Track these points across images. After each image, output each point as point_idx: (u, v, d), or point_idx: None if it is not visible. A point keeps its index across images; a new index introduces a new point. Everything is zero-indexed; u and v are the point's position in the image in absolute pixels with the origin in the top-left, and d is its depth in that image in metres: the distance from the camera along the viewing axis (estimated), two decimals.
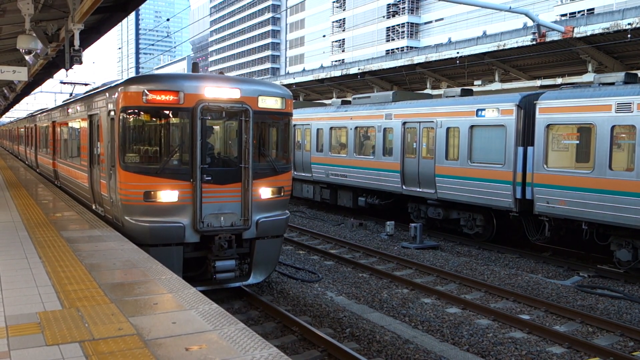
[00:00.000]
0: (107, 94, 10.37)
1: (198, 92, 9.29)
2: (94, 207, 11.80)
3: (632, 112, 11.41)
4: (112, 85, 10.29)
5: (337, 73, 29.29)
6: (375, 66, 26.62)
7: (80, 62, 11.82)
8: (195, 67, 11.18)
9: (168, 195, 9.16)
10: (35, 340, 4.41)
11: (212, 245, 9.44)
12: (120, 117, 9.27)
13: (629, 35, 16.41)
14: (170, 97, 9.12)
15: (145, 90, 9.03)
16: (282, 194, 10.32)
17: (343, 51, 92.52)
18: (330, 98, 31.76)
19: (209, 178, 9.38)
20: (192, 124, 9.25)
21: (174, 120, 9.51)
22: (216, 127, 10.16)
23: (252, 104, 9.74)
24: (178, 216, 9.25)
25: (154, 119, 9.58)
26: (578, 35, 17.45)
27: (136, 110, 9.36)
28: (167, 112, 9.35)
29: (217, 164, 9.76)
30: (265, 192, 9.99)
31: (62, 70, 20.56)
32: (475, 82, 22.60)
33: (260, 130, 10.17)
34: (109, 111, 10.00)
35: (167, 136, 9.58)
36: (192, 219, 9.29)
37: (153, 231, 9.08)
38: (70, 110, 15.00)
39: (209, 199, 9.38)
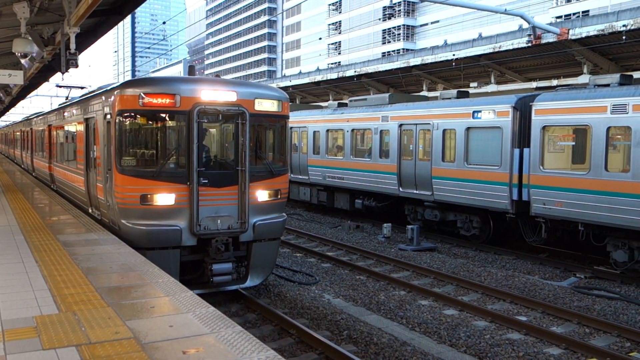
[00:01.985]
0: (103, 98, 10.35)
1: (194, 95, 9.28)
2: (90, 210, 11.77)
3: (627, 113, 11.45)
4: (109, 88, 10.27)
5: (333, 75, 29.33)
6: (371, 68, 26.66)
7: (76, 66, 11.78)
8: (191, 70, 11.17)
9: (165, 198, 9.14)
10: (31, 344, 4.39)
11: (209, 248, 9.44)
12: (117, 121, 9.26)
13: (623, 37, 16.48)
14: (166, 100, 9.11)
15: (142, 94, 9.02)
16: (279, 196, 10.31)
17: (339, 54, 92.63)
18: (327, 100, 31.80)
19: (206, 181, 9.37)
20: (188, 127, 9.24)
21: (170, 123, 9.49)
22: (213, 130, 10.15)
23: (249, 106, 9.74)
24: (175, 219, 9.23)
25: (150, 122, 9.55)
26: (573, 37, 17.51)
27: (132, 114, 9.34)
28: (163, 115, 9.32)
29: (214, 167, 9.74)
30: (262, 194, 9.98)
31: (58, 74, 20.53)
32: (471, 84, 22.67)
33: (256, 132, 10.16)
34: (105, 114, 9.98)
35: (164, 139, 9.56)
36: (189, 222, 9.27)
37: (150, 234, 9.06)
38: (66, 114, 14.97)
39: (206, 202, 9.36)
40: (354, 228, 18.51)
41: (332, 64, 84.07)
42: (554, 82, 19.88)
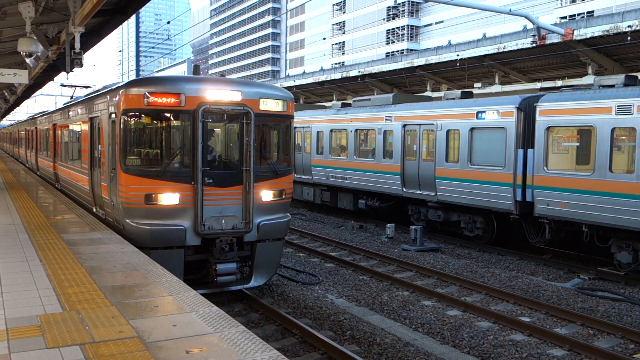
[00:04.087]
0: (108, 97, 10.37)
1: (199, 95, 9.27)
2: (94, 209, 11.79)
3: (632, 114, 11.41)
4: (114, 87, 10.28)
5: (337, 75, 29.35)
6: (375, 69, 26.67)
7: (81, 65, 11.81)
8: (196, 69, 11.14)
9: (169, 198, 9.13)
10: (35, 342, 4.41)
11: (213, 248, 9.42)
12: (122, 120, 9.26)
13: (628, 38, 16.44)
14: (171, 100, 9.10)
15: (147, 93, 9.01)
16: (284, 196, 10.29)
17: (343, 54, 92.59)
18: (331, 100, 31.79)
19: (210, 181, 9.35)
20: (193, 127, 9.23)
21: (175, 122, 9.48)
22: (217, 130, 10.14)
23: (254, 106, 9.72)
24: (179, 219, 9.22)
25: (155, 122, 9.55)
26: (578, 38, 17.48)
27: (137, 113, 9.35)
28: (168, 114, 9.32)
29: (219, 167, 9.72)
30: (266, 194, 9.96)
31: (63, 73, 20.58)
32: (476, 85, 22.62)
33: (261, 132, 10.14)
34: (110, 114, 9.99)
35: (168, 139, 9.55)
36: (193, 221, 9.26)
37: (154, 234, 9.06)
38: (71, 113, 15.00)
39: (210, 202, 9.35)
40: (357, 228, 18.50)
41: (336, 64, 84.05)
42: (559, 83, 19.84)
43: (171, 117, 9.40)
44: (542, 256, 14.60)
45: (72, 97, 21.64)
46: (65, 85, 24.13)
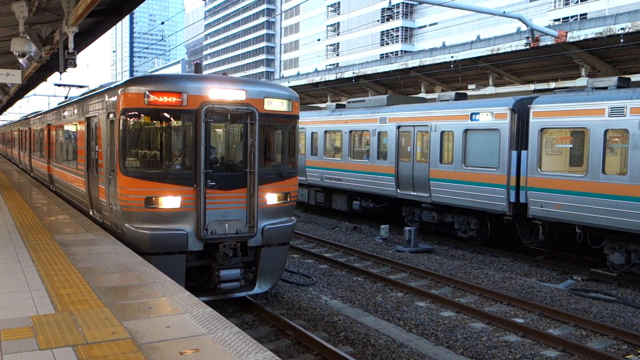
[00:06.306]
0: (106, 96, 10.05)
1: (202, 94, 8.97)
2: (91, 213, 11.45)
3: (625, 116, 11.48)
4: (112, 86, 9.97)
5: (331, 77, 29.36)
6: (369, 70, 26.69)
7: (75, 65, 11.75)
8: (198, 67, 10.86)
9: (170, 201, 8.81)
10: (28, 344, 4.38)
11: (216, 254, 9.11)
12: (121, 120, 8.95)
13: (621, 40, 16.52)
14: (172, 99, 8.79)
15: (147, 92, 8.72)
16: (289, 199, 9.98)
17: (337, 55, 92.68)
18: (325, 102, 31.79)
19: (213, 183, 9.05)
20: (195, 127, 8.92)
21: (176, 123, 9.14)
22: (220, 130, 9.81)
23: (258, 106, 9.42)
24: (181, 223, 8.90)
25: (155, 122, 9.22)
26: (571, 40, 17.56)
27: (137, 113, 9.03)
28: (169, 114, 8.98)
29: (222, 169, 9.38)
30: (271, 198, 9.65)
31: (56, 73, 20.48)
32: (470, 86, 22.68)
33: (266, 133, 9.81)
34: (109, 113, 9.69)
35: (170, 139, 9.22)
36: (195, 226, 8.95)
37: (154, 239, 8.75)
38: (66, 113, 14.82)
39: (213, 205, 9.04)
40: (351, 229, 18.51)
41: (330, 65, 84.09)
42: (552, 85, 19.92)
43: (172, 117, 9.06)
44: (535, 257, 14.66)
45: (66, 97, 21.53)
46: (59, 85, 23.99)
